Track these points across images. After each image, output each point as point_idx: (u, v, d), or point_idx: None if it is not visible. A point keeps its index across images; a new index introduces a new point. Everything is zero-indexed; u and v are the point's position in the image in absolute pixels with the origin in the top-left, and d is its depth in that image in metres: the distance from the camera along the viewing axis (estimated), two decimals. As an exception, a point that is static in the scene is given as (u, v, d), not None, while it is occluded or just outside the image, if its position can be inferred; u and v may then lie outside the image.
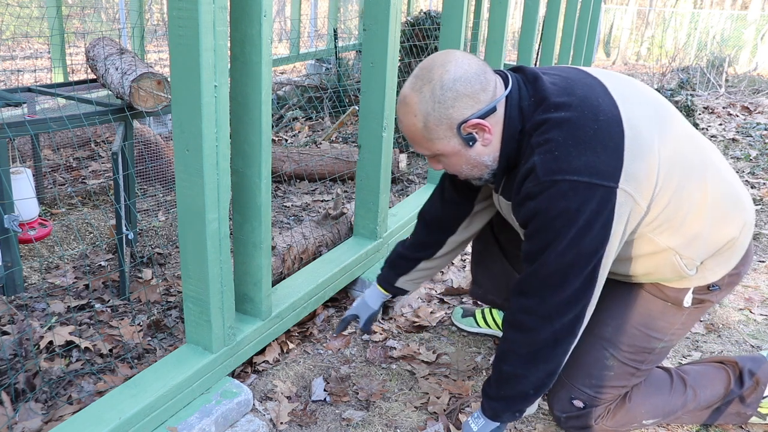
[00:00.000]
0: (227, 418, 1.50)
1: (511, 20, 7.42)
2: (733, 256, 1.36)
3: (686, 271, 1.33)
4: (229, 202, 1.44)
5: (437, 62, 1.22)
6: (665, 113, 1.29)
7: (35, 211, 2.12)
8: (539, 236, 1.21)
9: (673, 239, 1.28)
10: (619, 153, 1.16)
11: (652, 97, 1.31)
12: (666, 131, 1.24)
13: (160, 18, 7.84)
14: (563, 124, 1.18)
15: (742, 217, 1.33)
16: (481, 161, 1.28)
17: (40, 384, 1.60)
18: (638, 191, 1.18)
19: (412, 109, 1.22)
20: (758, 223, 3.18)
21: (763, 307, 2.32)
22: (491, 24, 3.01)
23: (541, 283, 1.24)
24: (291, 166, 3.39)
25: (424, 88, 1.21)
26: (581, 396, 1.48)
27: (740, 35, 10.74)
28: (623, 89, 1.26)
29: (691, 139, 1.30)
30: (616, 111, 1.19)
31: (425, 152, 1.29)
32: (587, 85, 1.25)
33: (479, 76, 1.21)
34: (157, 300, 2.12)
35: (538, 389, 1.33)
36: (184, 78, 1.27)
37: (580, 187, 1.14)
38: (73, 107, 2.33)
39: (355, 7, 7.71)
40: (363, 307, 1.78)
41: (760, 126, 5.38)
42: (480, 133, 1.24)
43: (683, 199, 1.25)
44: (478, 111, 1.21)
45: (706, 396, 1.53)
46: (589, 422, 1.50)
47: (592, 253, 1.19)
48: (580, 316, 1.26)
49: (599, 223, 1.16)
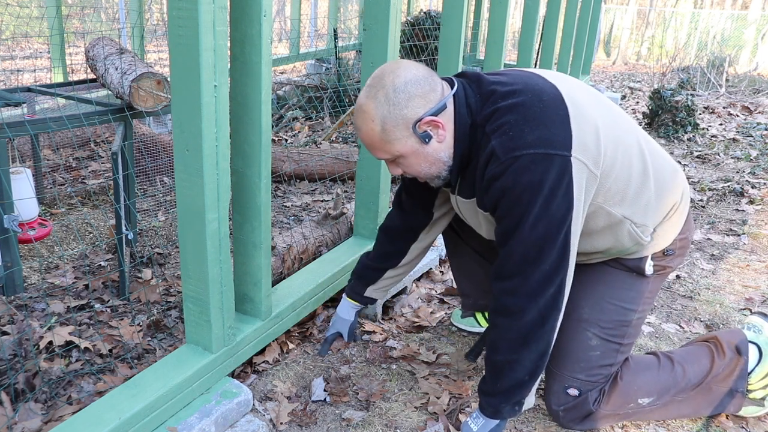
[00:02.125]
0: (227, 419, 1.50)
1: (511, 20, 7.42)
2: (678, 221, 1.49)
3: (643, 238, 1.44)
4: (229, 202, 1.44)
5: (387, 70, 1.31)
6: (599, 97, 1.43)
7: (35, 211, 2.12)
8: (510, 214, 1.29)
9: (626, 209, 1.39)
10: (566, 125, 1.26)
11: (584, 84, 1.45)
12: (602, 110, 1.37)
13: (160, 18, 7.84)
14: (513, 109, 1.28)
15: (680, 184, 1.48)
16: (438, 157, 1.35)
17: (39, 384, 1.60)
18: (589, 159, 1.28)
19: (369, 115, 1.29)
20: (758, 223, 3.18)
21: (763, 307, 2.32)
22: (491, 24, 3.01)
23: (519, 261, 1.30)
24: (291, 166, 3.39)
25: (378, 93, 1.28)
26: (574, 383, 1.53)
27: (740, 35, 10.74)
28: (558, 78, 1.39)
29: (623, 119, 1.43)
30: (557, 91, 1.31)
31: (385, 156, 1.36)
32: (527, 75, 1.37)
33: (427, 78, 1.31)
34: (157, 300, 2.12)
35: (532, 374, 1.38)
36: (184, 78, 1.27)
37: (538, 158, 1.23)
38: (72, 107, 2.33)
39: (355, 7, 7.71)
40: (340, 323, 1.88)
41: (760, 126, 5.38)
42: (434, 130, 1.32)
43: (629, 170, 1.37)
44: (430, 109, 1.29)
45: (694, 371, 1.59)
46: (588, 409, 1.54)
47: (561, 220, 1.27)
48: (561, 289, 1.32)
49: (561, 190, 1.25)
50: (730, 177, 3.92)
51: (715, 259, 2.74)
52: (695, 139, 4.86)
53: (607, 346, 1.52)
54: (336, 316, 1.89)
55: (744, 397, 1.61)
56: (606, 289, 1.53)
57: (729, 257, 2.77)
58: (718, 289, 2.45)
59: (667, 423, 1.65)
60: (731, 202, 3.52)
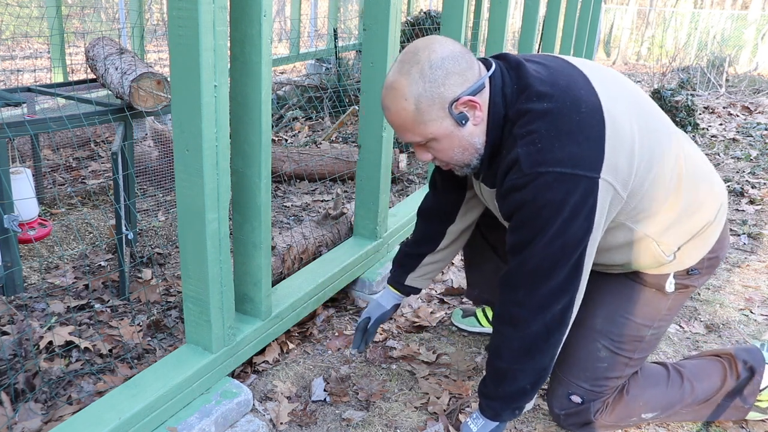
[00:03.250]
0: (227, 419, 1.50)
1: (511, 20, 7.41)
2: (708, 240, 1.38)
3: (664, 257, 1.36)
4: (229, 202, 1.44)
5: (421, 46, 1.21)
6: (643, 104, 1.32)
7: (35, 211, 2.12)
8: (525, 227, 1.22)
9: (650, 227, 1.31)
10: (600, 144, 1.17)
11: (631, 88, 1.33)
12: (644, 122, 1.27)
13: (160, 18, 7.84)
14: (546, 116, 1.19)
15: (717, 201, 1.37)
16: (472, 143, 1.26)
17: (39, 384, 1.60)
18: (618, 181, 1.20)
19: (402, 93, 1.20)
20: (758, 223, 3.18)
21: (763, 307, 2.31)
22: (491, 24, 3.01)
23: (529, 274, 1.24)
24: (291, 166, 3.39)
25: (412, 70, 1.18)
26: (578, 391, 1.49)
27: (740, 35, 10.74)
28: (603, 80, 1.28)
29: (667, 129, 1.33)
30: (597, 101, 1.20)
31: (416, 138, 1.26)
32: (569, 75, 1.26)
33: (464, 55, 1.21)
34: (157, 300, 2.12)
35: (534, 384, 1.34)
36: (184, 78, 1.27)
37: (564, 177, 1.16)
38: (72, 107, 2.33)
39: (355, 7, 7.71)
40: (375, 307, 1.76)
41: (760, 126, 5.38)
42: (471, 111, 1.23)
43: (660, 187, 1.28)
44: (468, 88, 1.20)
45: (704, 388, 1.55)
46: (588, 417, 1.51)
47: (577, 242, 1.20)
48: (570, 306, 1.27)
49: (584, 213, 1.18)
50: (730, 177, 3.92)
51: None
52: (695, 139, 4.85)
53: (615, 359, 1.47)
54: (374, 302, 1.77)
55: (749, 409, 1.58)
56: (622, 303, 1.46)
57: (729, 257, 2.77)
58: (718, 289, 2.45)
59: (667, 424, 1.65)
60: (731, 202, 3.52)
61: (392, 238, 2.32)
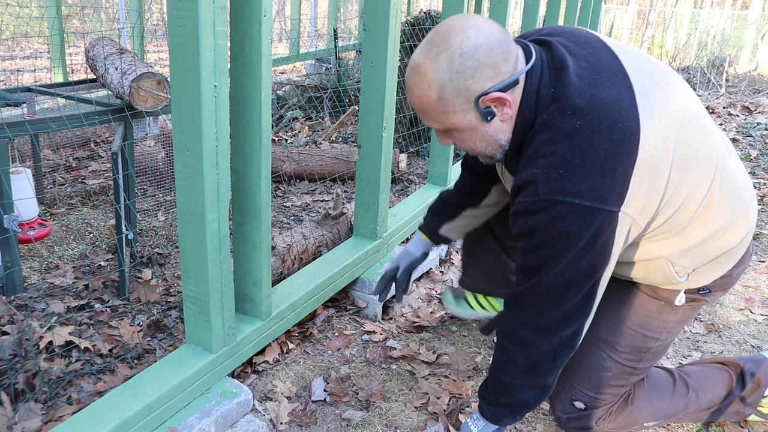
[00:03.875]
0: (227, 419, 1.50)
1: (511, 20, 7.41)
2: (727, 264, 1.32)
3: (677, 278, 1.31)
4: (229, 202, 1.44)
5: (455, 28, 1.09)
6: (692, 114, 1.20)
7: (35, 211, 2.12)
8: (537, 253, 1.17)
9: (668, 248, 1.26)
10: (627, 178, 1.09)
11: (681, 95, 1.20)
12: (685, 143, 1.16)
13: (160, 18, 7.84)
14: (574, 137, 1.09)
15: (746, 226, 1.29)
16: (497, 139, 1.19)
17: (39, 384, 1.60)
18: (640, 213, 1.13)
19: (426, 79, 1.11)
20: (758, 223, 3.18)
21: (763, 307, 2.31)
22: (491, 24, 3.01)
23: (539, 298, 1.20)
24: (291, 166, 3.39)
25: (440, 55, 1.09)
26: (582, 398, 1.48)
27: (740, 35, 10.74)
28: (652, 89, 1.15)
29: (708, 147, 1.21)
30: (636, 127, 1.09)
31: (437, 126, 1.20)
32: (614, 86, 1.13)
33: (501, 44, 1.10)
34: (157, 300, 2.12)
35: (537, 398, 1.33)
36: (184, 78, 1.27)
37: (582, 210, 1.08)
38: (72, 107, 2.34)
39: (355, 7, 7.71)
40: (405, 255, 1.69)
41: (760, 126, 5.37)
42: (499, 108, 1.14)
43: (684, 213, 1.21)
44: (499, 83, 1.10)
45: (708, 398, 1.54)
46: (590, 424, 1.50)
47: (591, 272, 1.15)
48: (579, 331, 1.24)
49: (599, 245, 1.12)
50: (730, 177, 3.92)
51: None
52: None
53: (620, 369, 1.45)
54: (403, 250, 1.70)
55: (751, 414, 1.58)
56: (629, 314, 1.42)
57: (729, 257, 2.76)
58: (718, 289, 2.45)
59: (667, 423, 1.65)
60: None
61: (392, 238, 2.32)
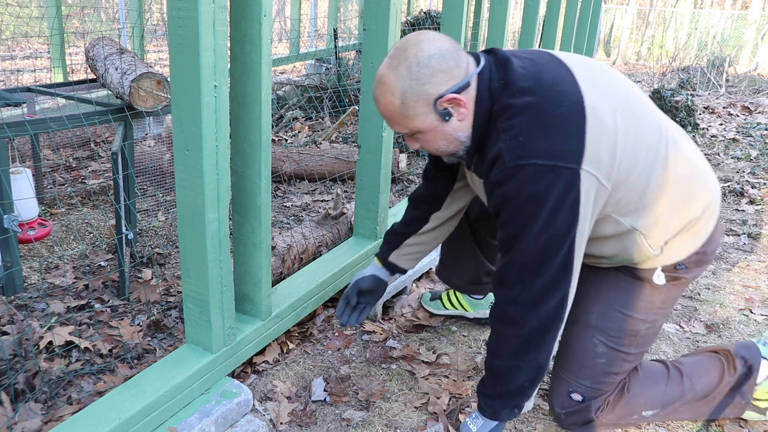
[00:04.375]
0: (227, 419, 1.50)
1: (511, 20, 7.41)
2: (697, 236, 1.40)
3: (651, 251, 1.38)
4: (229, 202, 1.44)
5: (410, 42, 1.25)
6: (633, 99, 1.33)
7: (35, 211, 2.12)
8: (512, 223, 1.25)
9: (636, 220, 1.33)
10: (580, 136, 1.20)
11: (621, 83, 1.35)
12: (630, 115, 1.28)
13: (160, 18, 7.84)
14: (527, 110, 1.22)
15: (705, 198, 1.38)
16: (456, 137, 1.31)
17: (39, 384, 1.60)
18: (601, 172, 1.22)
19: (390, 88, 1.25)
20: (758, 223, 3.18)
21: (763, 307, 2.31)
22: (491, 24, 3.01)
23: (520, 270, 1.27)
24: (291, 166, 3.39)
25: (400, 66, 1.24)
26: (579, 389, 1.51)
27: (740, 35, 10.74)
28: (591, 75, 1.29)
29: (656, 124, 1.34)
30: (579, 96, 1.23)
31: (403, 130, 1.32)
32: (554, 70, 1.28)
33: (452, 53, 1.25)
34: (157, 300, 2.12)
35: (532, 380, 1.37)
36: (184, 78, 1.27)
37: (544, 169, 1.19)
38: (72, 107, 2.33)
39: (355, 7, 7.71)
40: (358, 274, 1.81)
41: (760, 126, 5.37)
42: (455, 108, 1.27)
43: (646, 181, 1.30)
44: (453, 86, 1.24)
45: (702, 384, 1.56)
46: (589, 416, 1.52)
47: (564, 234, 1.22)
48: (564, 301, 1.29)
49: (567, 204, 1.20)
50: (730, 177, 3.92)
51: (715, 259, 2.74)
52: (695, 139, 4.85)
53: (613, 355, 1.48)
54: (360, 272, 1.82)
55: (747, 405, 1.59)
56: (616, 297, 1.48)
57: (729, 257, 2.77)
58: (718, 289, 2.45)
59: (667, 423, 1.65)
60: (731, 202, 3.52)
61: (392, 238, 2.32)
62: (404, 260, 1.75)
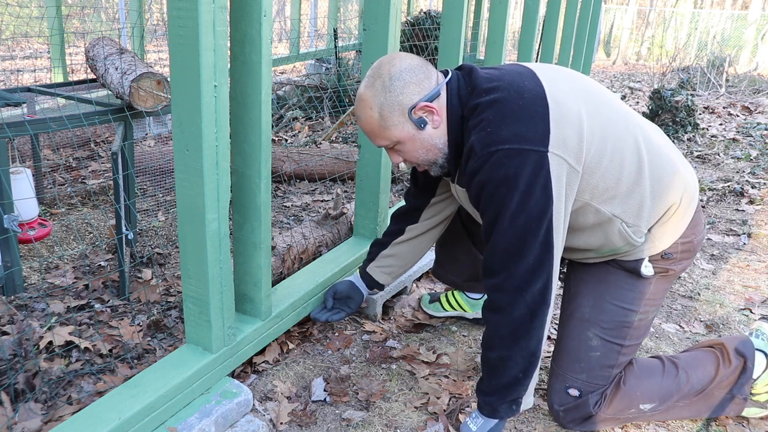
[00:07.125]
0: (227, 419, 1.50)
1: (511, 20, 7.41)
2: (679, 223, 1.46)
3: (635, 239, 1.43)
4: (228, 202, 1.44)
5: (384, 62, 1.38)
6: (597, 95, 1.42)
7: (35, 211, 2.12)
8: (489, 209, 1.32)
9: (616, 207, 1.39)
10: (545, 122, 1.28)
11: (585, 83, 1.44)
12: (593, 107, 1.37)
13: (160, 18, 7.84)
14: (492, 105, 1.31)
15: (679, 185, 1.44)
16: (434, 144, 1.40)
17: (39, 384, 1.60)
18: (569, 154, 1.29)
19: (368, 103, 1.36)
20: (758, 223, 3.18)
21: (763, 307, 2.32)
22: (491, 24, 3.01)
23: (503, 255, 1.33)
24: (291, 166, 3.39)
25: (375, 83, 1.35)
26: (575, 383, 1.53)
27: (740, 35, 10.74)
28: (553, 75, 1.39)
29: (622, 117, 1.42)
30: (541, 89, 1.32)
31: (384, 143, 1.41)
32: (516, 72, 1.38)
33: (421, 67, 1.37)
34: (157, 300, 2.12)
35: (526, 370, 1.40)
36: (184, 78, 1.27)
37: (512, 153, 1.26)
38: (72, 107, 2.33)
39: (355, 7, 7.71)
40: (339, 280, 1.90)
41: (760, 126, 5.38)
42: (429, 116, 1.37)
43: (620, 167, 1.36)
44: (424, 95, 1.35)
45: (698, 377, 1.58)
46: (588, 411, 1.54)
47: (540, 215, 1.28)
48: (548, 284, 1.34)
49: (539, 185, 1.26)
50: (730, 177, 3.93)
51: (715, 259, 2.74)
52: (695, 139, 4.86)
53: (608, 347, 1.52)
54: None
55: (746, 401, 1.60)
56: (607, 289, 1.53)
57: (729, 257, 2.77)
58: (718, 289, 2.45)
59: (667, 423, 1.65)
60: (731, 202, 3.52)
61: (392, 238, 2.32)
62: (379, 272, 1.83)
